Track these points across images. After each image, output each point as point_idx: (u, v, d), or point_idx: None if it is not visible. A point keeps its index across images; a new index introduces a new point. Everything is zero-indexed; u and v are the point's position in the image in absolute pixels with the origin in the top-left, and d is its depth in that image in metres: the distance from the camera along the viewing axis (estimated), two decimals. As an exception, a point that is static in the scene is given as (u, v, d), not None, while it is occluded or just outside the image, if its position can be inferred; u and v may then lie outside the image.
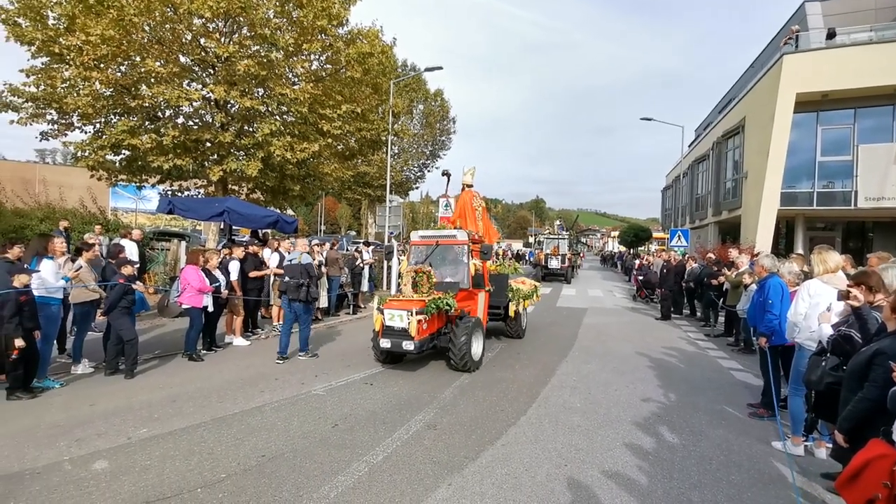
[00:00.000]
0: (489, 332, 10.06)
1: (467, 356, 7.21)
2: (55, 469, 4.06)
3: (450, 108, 35.80)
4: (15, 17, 12.24)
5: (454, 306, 7.36)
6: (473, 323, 7.55)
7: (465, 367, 7.23)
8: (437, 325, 7.43)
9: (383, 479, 4.01)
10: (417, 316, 6.73)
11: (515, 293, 9.90)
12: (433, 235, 8.68)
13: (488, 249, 8.30)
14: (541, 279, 26.30)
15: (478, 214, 9.87)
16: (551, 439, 4.96)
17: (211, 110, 14.40)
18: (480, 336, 7.78)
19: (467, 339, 7.24)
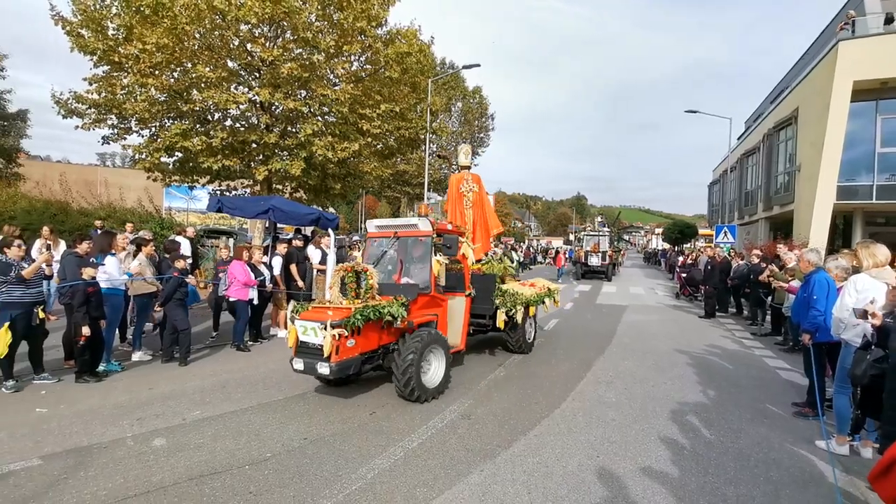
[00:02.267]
0: (489, 344, 8.86)
1: (413, 382, 5.50)
2: (119, 444, 4.42)
3: (488, 104, 35.80)
4: (78, 29, 13.10)
5: (400, 316, 5.63)
6: (427, 338, 5.77)
7: (413, 395, 5.55)
8: (384, 339, 5.84)
9: (418, 464, 4.16)
10: (334, 329, 5.05)
11: (509, 298, 7.84)
12: (392, 225, 6.93)
13: (451, 242, 6.41)
14: (580, 277, 25.97)
15: (467, 201, 8.59)
16: (584, 432, 4.99)
17: (256, 112, 14.98)
18: (441, 355, 6.03)
19: (415, 361, 5.52)
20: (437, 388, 5.92)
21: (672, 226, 51.29)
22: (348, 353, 5.29)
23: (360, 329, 5.35)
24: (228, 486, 3.71)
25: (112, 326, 7.06)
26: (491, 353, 8.43)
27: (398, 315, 5.63)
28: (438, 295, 6.60)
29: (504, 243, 26.97)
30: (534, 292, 8.63)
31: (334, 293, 5.73)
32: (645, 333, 10.76)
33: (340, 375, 5.32)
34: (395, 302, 5.72)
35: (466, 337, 7.28)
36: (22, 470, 3.91)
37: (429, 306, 6.44)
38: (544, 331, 10.73)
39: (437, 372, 6.01)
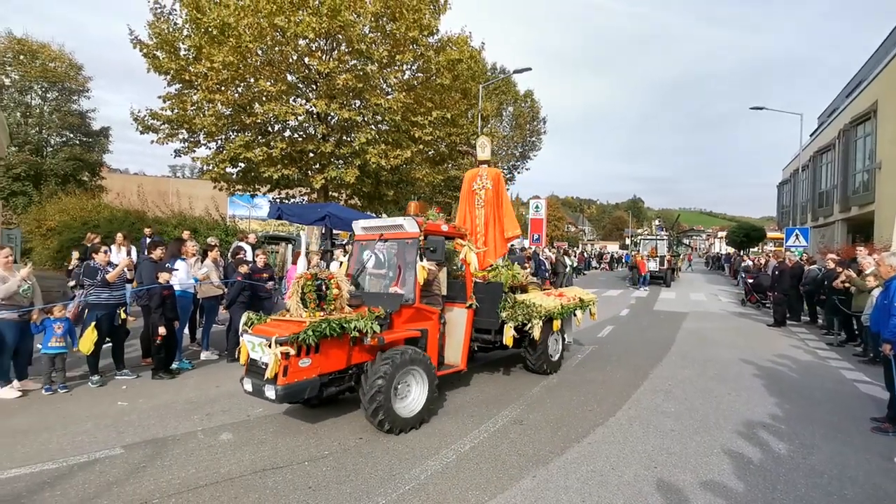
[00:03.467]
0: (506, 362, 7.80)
1: (383, 411, 4.67)
2: (191, 437, 4.72)
3: (540, 108, 35.45)
4: (154, 51, 14.14)
5: (370, 331, 4.80)
6: (402, 359, 4.88)
7: (383, 427, 4.75)
8: (355, 357, 5.00)
9: (470, 467, 4.19)
10: (280, 347, 4.32)
11: (521, 311, 6.61)
12: (378, 226, 6.12)
13: (436, 244, 5.47)
14: (637, 283, 25.15)
15: (478, 199, 7.74)
16: (641, 441, 4.85)
17: (313, 123, 15.59)
18: (423, 379, 5.14)
19: (384, 387, 4.66)
20: (417, 417, 5.03)
21: (737, 229, 48.70)
22: (300, 374, 4.49)
23: (318, 346, 4.59)
24: (289, 481, 3.88)
25: (182, 327, 7.55)
26: (568, 349, 8.31)
27: (367, 330, 4.77)
28: (426, 307, 5.67)
29: (557, 248, 26.58)
30: (557, 304, 7.23)
31: (293, 304, 4.90)
32: (707, 342, 10.29)
33: (289, 401, 4.68)
34: (367, 315, 4.90)
35: (469, 355, 6.29)
36: (106, 458, 4.25)
37: (414, 320, 5.53)
38: (598, 337, 10.48)
39: (417, 398, 5.11)
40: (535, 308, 6.75)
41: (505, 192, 7.79)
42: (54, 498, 3.58)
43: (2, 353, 5.84)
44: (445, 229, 6.07)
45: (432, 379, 5.22)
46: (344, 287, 5.08)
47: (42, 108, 25.94)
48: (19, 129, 24.10)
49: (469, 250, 6.16)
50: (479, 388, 6.60)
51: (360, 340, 4.91)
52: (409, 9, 14.16)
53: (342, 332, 4.70)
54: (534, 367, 7.23)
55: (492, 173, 7.88)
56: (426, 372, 5.18)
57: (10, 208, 23.03)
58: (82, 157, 25.61)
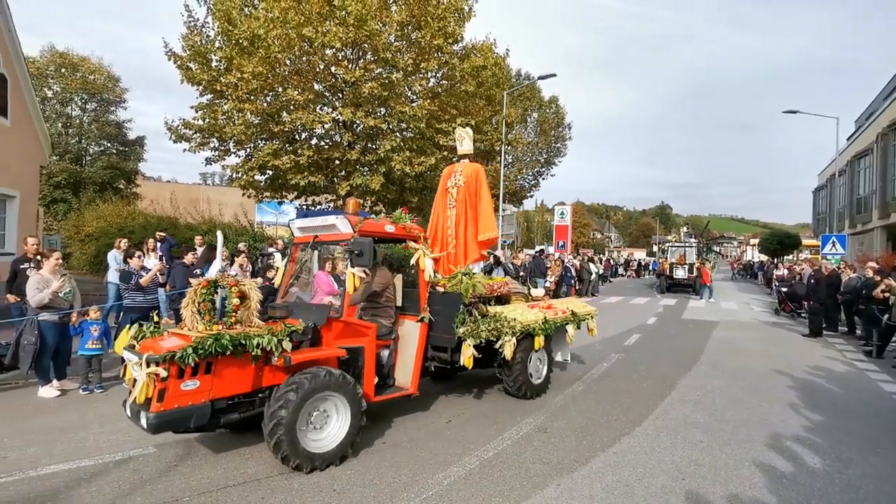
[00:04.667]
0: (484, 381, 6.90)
1: (286, 446, 3.93)
2: (220, 438, 4.82)
3: (565, 114, 35.21)
4: (187, 63, 14.61)
5: (274, 348, 4.11)
6: (314, 383, 4.11)
7: (290, 464, 4.01)
8: (266, 379, 4.27)
9: (493, 474, 4.17)
10: (149, 367, 3.65)
11: (486, 326, 5.65)
12: (313, 227, 5.37)
13: (361, 247, 4.51)
14: (664, 290, 24.68)
15: (451, 198, 6.83)
16: (669, 452, 4.75)
17: (339, 131, 15.84)
18: (344, 407, 4.32)
19: (286, 419, 3.93)
20: (337, 453, 4.22)
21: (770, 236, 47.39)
22: (183, 399, 3.78)
23: (211, 366, 3.91)
24: (314, 483, 3.93)
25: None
26: (563, 367, 8.24)
27: (271, 346, 4.08)
28: (359, 321, 4.96)
29: (582, 255, 26.30)
30: (539, 318, 6.27)
31: (187, 315, 4.17)
32: (738, 351, 10.01)
33: (165, 430, 3.88)
34: (281, 329, 4.23)
35: (420, 376, 5.44)
36: (140, 456, 4.39)
37: (347, 335, 4.77)
38: (624, 346, 10.31)
39: (336, 431, 4.28)
40: (507, 323, 5.82)
41: (484, 189, 6.76)
42: (90, 494, 3.70)
43: (43, 354, 6.08)
44: (390, 229, 5.31)
45: (357, 407, 4.37)
46: (254, 296, 4.30)
47: (82, 118, 27.04)
48: (60, 139, 25.16)
49: (423, 255, 5.44)
50: (501, 395, 6.55)
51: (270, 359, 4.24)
52: (433, 17, 14.31)
53: (241, 349, 4.00)
54: (511, 390, 6.25)
55: (468, 169, 6.92)
56: (349, 399, 4.32)
57: (51, 215, 24.03)
58: (119, 166, 26.56)
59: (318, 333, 4.58)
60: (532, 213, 58.89)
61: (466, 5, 15.80)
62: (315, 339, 4.56)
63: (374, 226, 5.13)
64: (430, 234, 6.68)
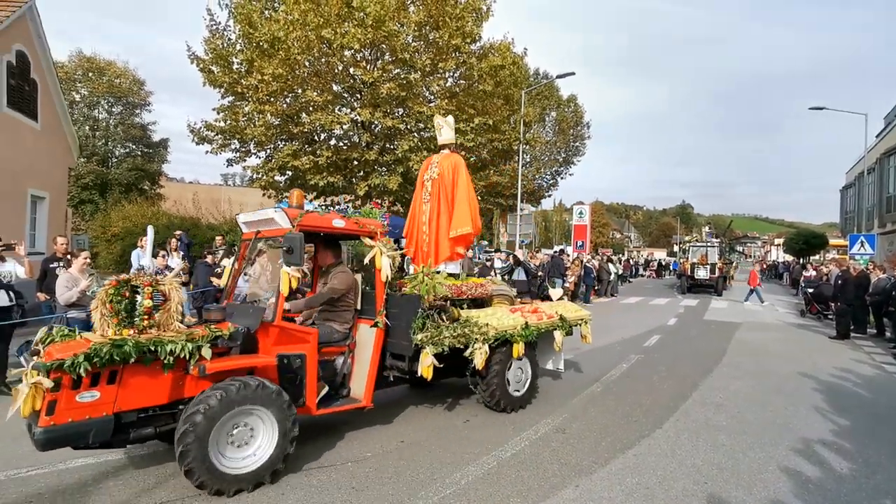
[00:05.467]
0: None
1: (197, 469, 3.49)
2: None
3: (584, 113, 34.93)
4: (210, 66, 14.88)
5: (188, 355, 3.68)
6: (231, 396, 3.65)
7: (204, 488, 3.58)
8: (188, 390, 3.86)
9: (511, 474, 4.16)
10: (35, 378, 3.25)
11: (451, 332, 5.07)
12: (255, 221, 4.92)
13: (291, 243, 4.13)
14: (685, 290, 24.30)
15: (426, 192, 6.28)
16: (690, 455, 4.67)
17: (358, 131, 15.97)
18: (271, 423, 3.85)
19: (198, 431, 3.49)
20: (261, 473, 3.79)
21: (796, 235, 46.31)
22: (78, 412, 3.40)
23: (117, 375, 3.54)
24: (333, 480, 3.97)
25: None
26: (579, 369, 8.16)
27: (186, 354, 3.66)
28: (297, 327, 4.55)
29: (601, 255, 26.05)
30: (520, 323, 5.67)
31: (95, 319, 3.80)
32: (762, 353, 9.81)
33: (56, 447, 3.43)
34: (204, 335, 3.80)
35: (375, 387, 4.91)
36: (165, 451, 4.47)
37: (285, 342, 4.32)
38: (644, 347, 10.17)
39: (262, 448, 3.83)
40: (477, 329, 5.25)
41: (462, 180, 6.16)
42: (117, 487, 3.80)
43: (71, 350, 6.23)
44: (339, 224, 4.83)
45: (286, 423, 3.88)
46: (175, 296, 3.94)
47: (108, 121, 27.76)
48: (87, 141, 25.85)
49: (379, 253, 4.95)
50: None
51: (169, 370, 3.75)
52: (451, 17, 14.33)
53: (152, 356, 3.59)
54: (487, 403, 5.66)
55: (445, 160, 6.31)
56: (276, 414, 3.84)
57: (79, 215, 24.72)
58: (143, 168, 27.20)
59: (252, 339, 4.17)
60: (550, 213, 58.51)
61: (484, 5, 15.80)
62: (249, 346, 4.15)
63: (316, 220, 4.69)
64: (406, 232, 6.42)
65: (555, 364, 6.79)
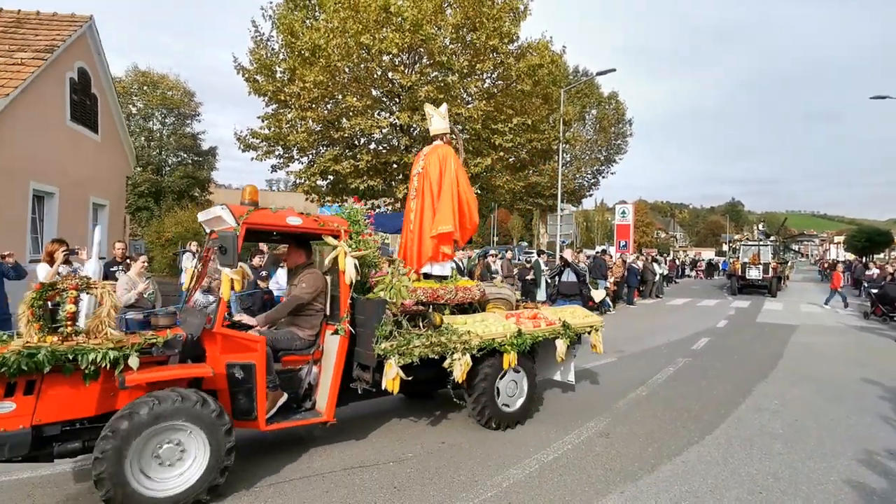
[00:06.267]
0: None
1: (110, 483, 3.16)
2: (289, 433, 5.02)
3: (625, 109, 34.16)
4: (254, 76, 15.42)
5: (109, 363, 3.40)
6: (154, 411, 3.30)
7: (107, 500, 3.21)
8: (119, 402, 3.53)
9: (553, 478, 4.09)
10: None
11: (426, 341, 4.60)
12: (207, 220, 4.64)
13: (225, 243, 3.80)
14: (736, 292, 23.28)
15: (413, 189, 5.92)
16: (743, 463, 4.46)
17: (397, 135, 16.16)
18: (202, 443, 3.48)
19: (112, 449, 3.16)
20: (189, 495, 3.43)
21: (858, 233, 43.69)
22: None
23: (34, 385, 3.32)
24: (375, 479, 4.02)
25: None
26: (622, 373, 7.95)
27: (107, 363, 3.37)
28: (242, 334, 4.10)
29: (646, 255, 25.33)
30: (510, 330, 5.12)
31: (22, 324, 3.54)
32: (822, 358, 9.28)
33: None
34: (133, 342, 3.54)
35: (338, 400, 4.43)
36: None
37: (233, 350, 3.95)
38: (692, 350, 9.81)
39: (191, 469, 3.48)
40: (457, 337, 4.75)
41: (449, 173, 5.66)
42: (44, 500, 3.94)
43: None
44: (295, 222, 4.37)
45: (219, 441, 3.50)
46: (108, 301, 3.69)
47: (162, 132, 29.20)
48: (143, 151, 27.27)
49: (343, 253, 4.49)
50: (561, 398, 6.43)
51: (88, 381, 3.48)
52: (489, 18, 14.30)
53: (72, 366, 3.35)
54: (476, 419, 5.13)
55: (432, 152, 5.88)
56: (207, 431, 3.47)
57: (136, 222, 26.10)
58: (194, 175, 28.46)
59: (197, 347, 3.88)
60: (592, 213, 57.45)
61: (522, 4, 15.70)
62: (195, 355, 3.88)
63: (267, 218, 4.25)
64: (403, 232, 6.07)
65: (563, 376, 6.16)
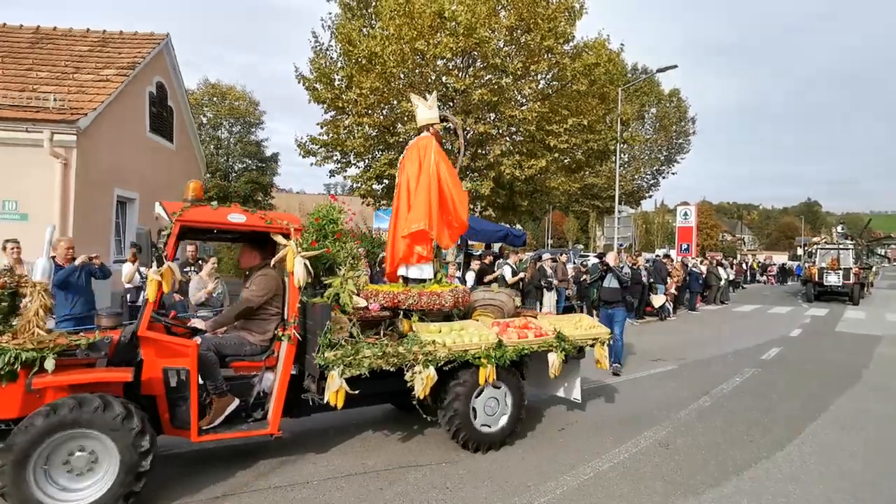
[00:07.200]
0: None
1: (13, 493, 3.10)
2: (345, 430, 5.18)
3: (688, 107, 32.75)
4: (314, 84, 16.01)
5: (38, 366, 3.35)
6: (54, 419, 3.15)
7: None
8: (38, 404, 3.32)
9: (608, 487, 3.99)
10: None
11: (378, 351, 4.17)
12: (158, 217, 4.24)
13: (138, 240, 3.86)
14: (812, 299, 21.72)
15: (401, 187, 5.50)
16: (819, 483, 4.17)
17: (450, 138, 16.26)
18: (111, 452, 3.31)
19: (16, 459, 3.09)
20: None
21: (953, 235, 39.49)
22: None
23: None
24: (428, 479, 4.07)
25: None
26: (683, 381, 7.59)
27: (18, 365, 3.28)
28: (168, 338, 3.87)
29: (710, 258, 24.13)
30: (487, 341, 4.59)
31: None
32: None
33: None
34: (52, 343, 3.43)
35: (282, 412, 4.11)
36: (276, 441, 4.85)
37: (166, 355, 3.77)
38: (761, 360, 9.24)
39: (102, 480, 3.30)
40: (418, 347, 4.28)
41: (427, 168, 5.25)
42: (235, 472, 4.18)
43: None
44: (237, 219, 4.03)
45: (130, 452, 3.28)
46: (37, 300, 3.61)
47: (229, 140, 30.91)
48: (212, 158, 28.97)
49: (291, 253, 4.10)
50: (619, 405, 6.25)
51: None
52: (543, 18, 14.14)
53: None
54: (452, 437, 4.61)
55: (413, 146, 5.58)
56: (113, 437, 3.27)
57: (205, 225, 27.71)
58: (258, 180, 29.92)
59: (131, 350, 3.73)
60: (651, 215, 55.41)
61: (577, 3, 15.41)
62: (128, 358, 3.72)
63: (206, 215, 3.96)
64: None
65: (567, 392, 5.61)
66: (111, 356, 3.70)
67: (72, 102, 9.27)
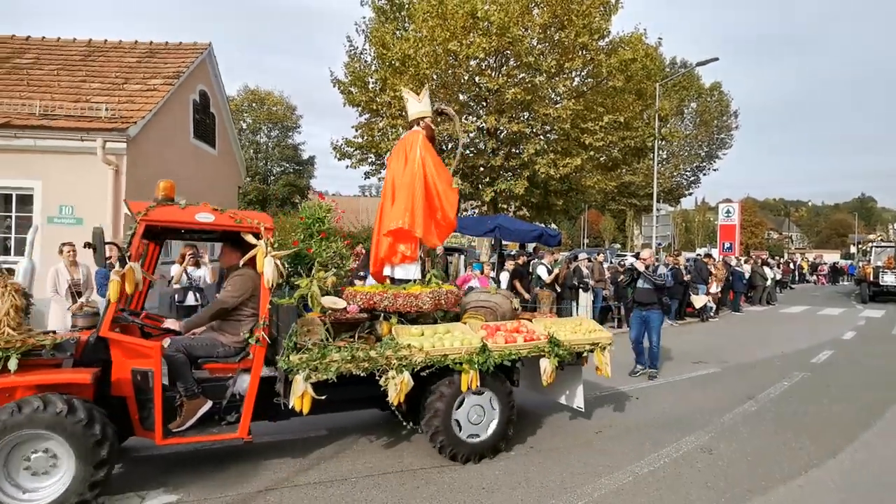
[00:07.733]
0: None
1: None
2: (377, 428, 5.24)
3: (730, 101, 31.64)
4: (349, 88, 16.27)
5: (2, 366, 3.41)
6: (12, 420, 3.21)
7: None
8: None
9: (648, 492, 3.90)
10: None
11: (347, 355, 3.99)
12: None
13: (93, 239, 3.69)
14: (867, 299, 20.61)
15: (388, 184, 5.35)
16: (872, 493, 3.96)
17: (483, 138, 16.23)
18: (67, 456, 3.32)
19: None
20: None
21: None
22: None
23: None
24: (464, 480, 4.08)
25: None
26: (727, 384, 7.32)
27: None
28: (131, 339, 3.77)
29: (755, 257, 23.24)
30: (470, 346, 4.32)
31: None
32: (977, 377, 7.96)
33: None
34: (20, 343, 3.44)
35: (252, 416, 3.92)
36: (314, 439, 4.96)
37: (132, 356, 3.67)
38: (812, 363, 8.84)
39: (60, 481, 3.32)
40: (392, 351, 4.08)
41: (412, 163, 5.05)
42: (280, 466, 4.30)
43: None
44: (205, 219, 3.96)
45: (88, 455, 3.27)
46: (9, 300, 3.60)
47: (267, 144, 31.81)
48: (251, 162, 29.89)
49: (262, 253, 3.94)
50: (658, 408, 6.10)
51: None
52: (578, 14, 13.94)
53: None
54: (439, 451, 4.38)
55: (401, 142, 5.40)
56: (74, 443, 3.25)
57: (246, 227, 28.63)
58: (295, 183, 30.70)
59: (101, 351, 3.65)
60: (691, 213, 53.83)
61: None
62: (98, 359, 3.65)
63: (172, 214, 3.90)
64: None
65: (569, 400, 5.38)
66: (79, 357, 3.63)
67: (122, 111, 9.72)
